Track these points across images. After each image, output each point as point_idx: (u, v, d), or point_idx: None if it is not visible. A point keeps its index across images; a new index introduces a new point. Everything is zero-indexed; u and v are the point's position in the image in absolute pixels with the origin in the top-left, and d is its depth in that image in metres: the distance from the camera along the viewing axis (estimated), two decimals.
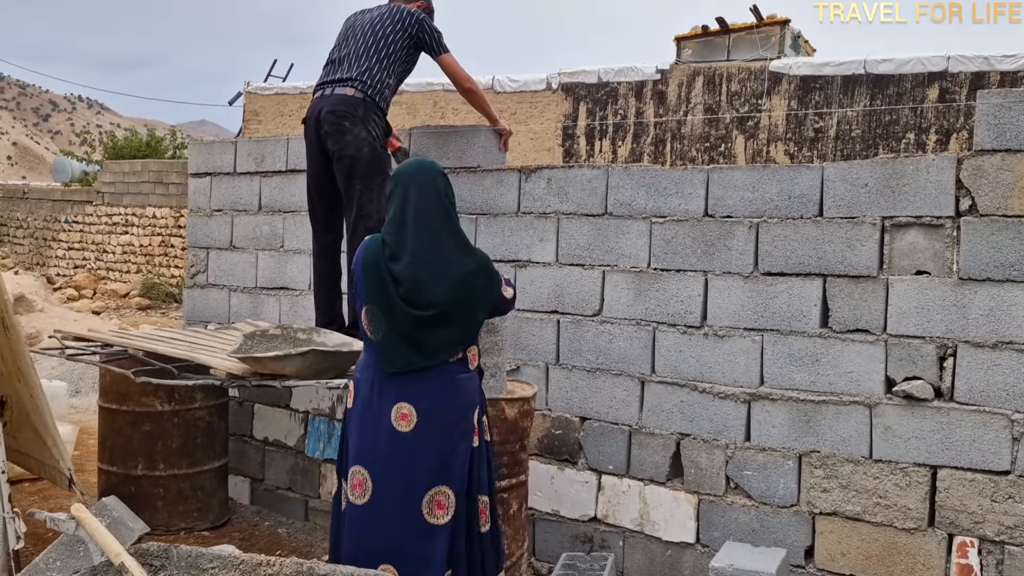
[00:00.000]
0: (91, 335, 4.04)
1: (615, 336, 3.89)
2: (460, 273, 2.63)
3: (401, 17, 3.99)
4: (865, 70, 11.87)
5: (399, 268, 2.60)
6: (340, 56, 4.00)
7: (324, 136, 3.88)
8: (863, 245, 3.32)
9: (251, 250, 5.18)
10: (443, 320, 2.61)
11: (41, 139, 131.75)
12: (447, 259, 2.63)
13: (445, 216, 2.67)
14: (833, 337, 3.39)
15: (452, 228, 2.68)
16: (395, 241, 2.64)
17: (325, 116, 3.85)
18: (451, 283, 2.61)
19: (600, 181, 3.94)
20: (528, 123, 14.39)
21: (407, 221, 2.64)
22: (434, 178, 2.70)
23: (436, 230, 2.63)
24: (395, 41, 3.94)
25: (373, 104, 3.87)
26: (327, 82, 3.96)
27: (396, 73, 3.99)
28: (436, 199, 2.66)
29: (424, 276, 2.59)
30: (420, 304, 2.59)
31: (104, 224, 18.79)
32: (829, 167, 3.42)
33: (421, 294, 2.59)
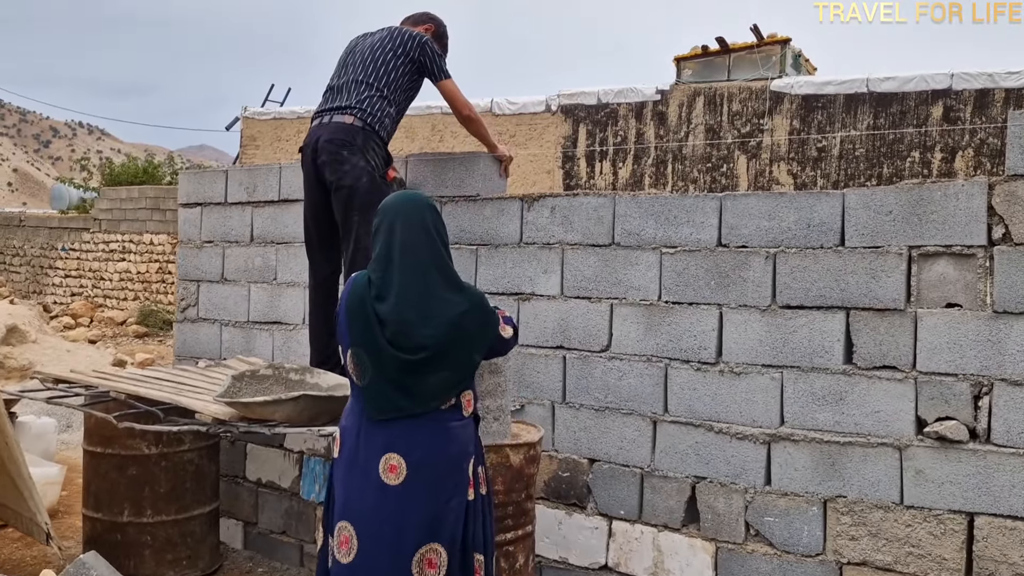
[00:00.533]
0: (73, 377, 3.84)
1: (625, 373, 3.68)
2: (451, 313, 2.44)
3: (403, 40, 3.82)
4: (868, 88, 11.74)
5: (385, 308, 2.42)
6: (339, 83, 3.84)
7: (321, 165, 3.70)
8: (888, 276, 3.13)
9: (243, 283, 4.98)
10: (433, 364, 2.42)
11: (42, 165, 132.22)
12: (436, 298, 2.43)
13: (434, 252, 2.48)
14: (858, 374, 3.19)
15: (442, 265, 2.48)
16: (381, 279, 2.45)
17: (323, 145, 3.68)
18: (441, 324, 2.42)
19: (606, 209, 3.75)
20: (528, 146, 14.25)
21: (393, 258, 2.47)
22: (422, 211, 2.52)
23: (424, 267, 2.44)
24: (396, 67, 3.77)
25: (372, 132, 3.69)
26: (325, 110, 3.79)
27: (398, 100, 3.82)
28: (424, 234, 2.47)
29: (411, 317, 2.40)
30: (408, 347, 2.40)
31: (101, 251, 18.64)
32: (850, 194, 3.23)
33: (408, 336, 2.40)
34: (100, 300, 18.58)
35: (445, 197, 4.18)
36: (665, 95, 13.18)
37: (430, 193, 4.22)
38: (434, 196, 4.22)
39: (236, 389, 3.24)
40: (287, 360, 4.74)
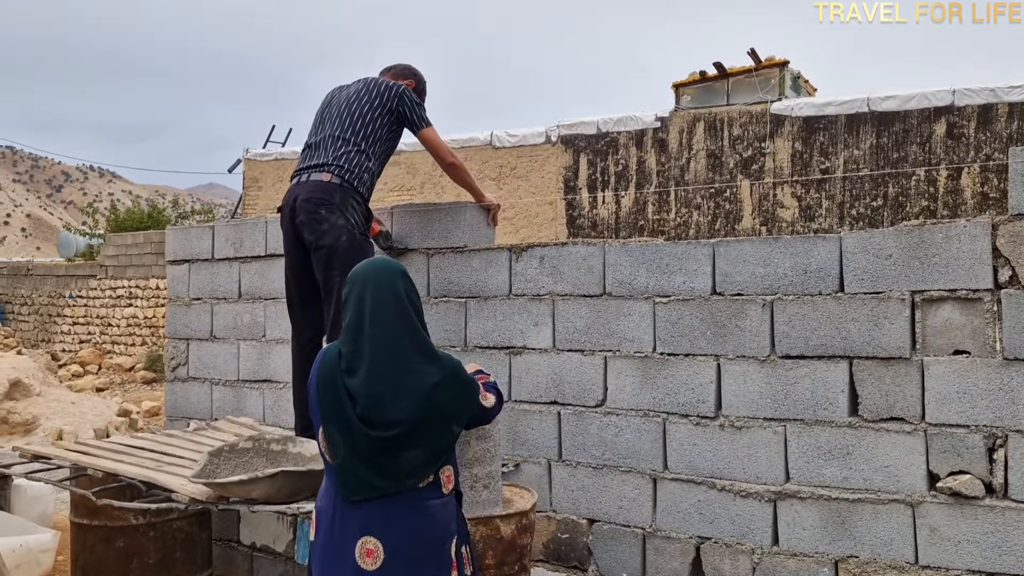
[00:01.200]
0: (52, 452, 3.72)
1: (622, 428, 3.53)
2: (425, 386, 2.29)
3: (379, 92, 3.71)
4: (869, 108, 11.62)
5: (355, 383, 2.28)
6: (317, 140, 3.73)
7: (300, 225, 3.58)
8: (892, 323, 2.98)
9: (232, 340, 4.87)
10: (408, 440, 2.28)
11: (54, 210, 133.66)
12: (409, 370, 2.29)
13: (406, 321, 2.34)
14: (865, 427, 3.03)
15: (414, 334, 2.35)
16: (351, 352, 2.32)
17: (300, 204, 3.56)
18: (414, 398, 2.27)
19: (596, 258, 3.62)
20: (529, 177, 14.18)
21: (363, 328, 2.33)
22: (392, 278, 2.39)
23: (395, 337, 2.31)
24: (374, 119, 3.66)
25: (351, 189, 3.57)
26: (303, 168, 3.68)
27: (377, 154, 3.70)
28: (395, 302, 2.34)
29: (383, 391, 2.26)
30: (380, 423, 2.26)
31: (108, 297, 18.63)
32: (848, 237, 3.09)
33: (380, 412, 2.26)
34: (108, 346, 18.54)
35: (432, 249, 4.07)
36: (665, 122, 13.10)
37: (416, 245, 4.11)
38: (420, 248, 4.11)
39: (213, 466, 3.10)
40: (279, 420, 4.61)
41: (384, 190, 15.56)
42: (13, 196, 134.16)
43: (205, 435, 4.23)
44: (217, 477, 3.06)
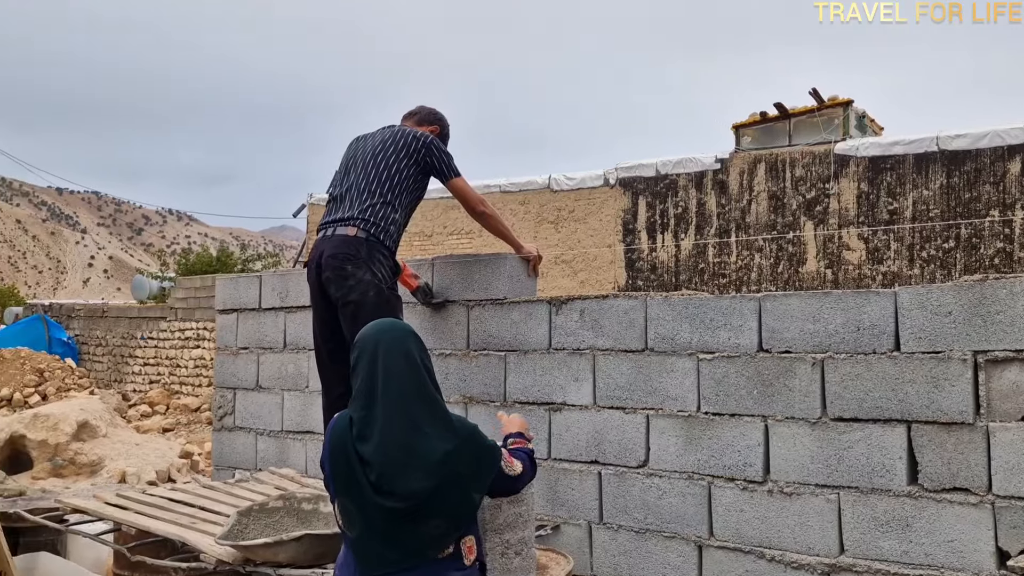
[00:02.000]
0: (90, 507, 3.73)
1: (665, 491, 3.36)
2: (438, 452, 2.18)
3: (407, 143, 3.66)
4: (938, 147, 11.24)
5: (368, 449, 2.17)
6: (342, 191, 3.68)
7: (326, 281, 3.54)
8: (953, 385, 2.77)
9: (277, 390, 4.86)
10: (425, 511, 2.16)
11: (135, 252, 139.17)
12: (423, 435, 2.18)
13: (419, 385, 2.24)
14: (926, 497, 2.81)
15: (427, 399, 2.24)
16: (362, 418, 2.22)
17: (326, 260, 3.52)
18: (428, 466, 2.16)
19: (638, 312, 3.49)
20: (587, 220, 14.11)
21: (375, 393, 2.23)
22: (403, 340, 2.29)
23: (408, 402, 2.20)
24: (400, 170, 3.60)
25: (377, 243, 3.52)
26: (328, 222, 3.64)
27: (404, 204, 3.64)
28: (407, 365, 2.24)
29: (397, 457, 2.15)
30: (394, 493, 2.15)
31: (177, 339, 19.12)
32: (903, 292, 2.90)
33: (394, 481, 2.15)
34: (176, 387, 18.97)
35: (472, 300, 3.99)
36: (725, 163, 12.91)
37: (456, 297, 4.05)
38: (460, 299, 4.04)
39: (241, 527, 3.05)
40: (320, 472, 4.55)
41: (444, 233, 15.67)
42: (97, 239, 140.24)
43: (245, 488, 4.20)
44: (245, 537, 3.01)
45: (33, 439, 10.71)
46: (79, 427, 11.20)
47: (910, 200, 11.34)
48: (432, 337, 4.10)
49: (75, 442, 11.05)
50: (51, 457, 10.78)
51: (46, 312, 21.19)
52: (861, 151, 11.73)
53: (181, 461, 11.21)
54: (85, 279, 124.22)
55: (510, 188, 14.92)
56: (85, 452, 10.91)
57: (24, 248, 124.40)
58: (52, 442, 10.84)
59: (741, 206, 12.69)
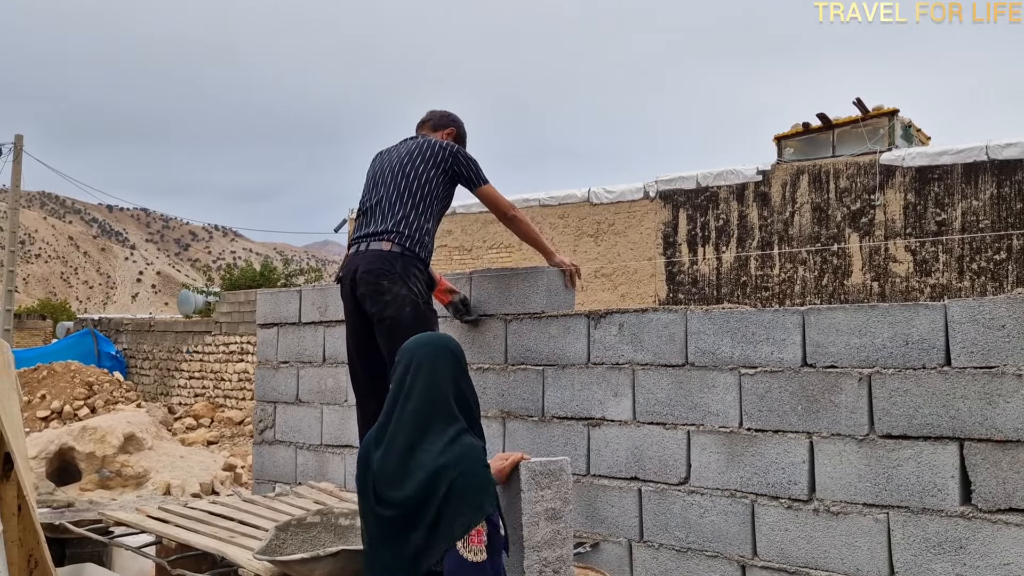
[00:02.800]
0: (131, 520, 3.77)
1: (707, 509, 3.29)
2: (432, 465, 2.13)
3: (433, 152, 3.63)
4: (988, 156, 10.97)
5: (376, 459, 2.22)
6: (372, 204, 3.65)
7: (361, 298, 3.53)
8: (1007, 401, 2.67)
9: (316, 404, 4.88)
10: (413, 521, 2.15)
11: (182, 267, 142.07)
12: (422, 451, 2.15)
13: (436, 401, 2.21)
14: (980, 518, 2.70)
15: (442, 415, 2.18)
16: (381, 426, 2.27)
17: (361, 276, 3.50)
18: (419, 477, 2.12)
19: (678, 326, 3.44)
20: (627, 233, 14.02)
21: (395, 406, 2.26)
22: (436, 356, 2.27)
23: (420, 417, 2.18)
24: (430, 180, 3.58)
25: (413, 256, 3.49)
26: (360, 237, 3.62)
27: (435, 214, 3.62)
28: (430, 381, 2.22)
29: (393, 469, 2.17)
30: (387, 502, 2.18)
31: (222, 353, 19.40)
32: (953, 305, 2.81)
33: (388, 490, 2.17)
34: (220, 400, 19.25)
35: (510, 315, 3.97)
36: (767, 175, 12.75)
37: (494, 311, 4.03)
38: (498, 313, 4.02)
39: (280, 541, 3.05)
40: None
41: (484, 247, 15.69)
42: (146, 255, 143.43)
43: (285, 501, 4.22)
44: (283, 552, 3.00)
45: (81, 451, 10.92)
46: (126, 439, 11.40)
47: (959, 211, 11.07)
48: (470, 351, 4.08)
49: (122, 454, 11.25)
50: (98, 469, 10.99)
51: (96, 327, 21.67)
52: (907, 161, 11.50)
53: (224, 474, 11.35)
54: (134, 294, 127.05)
55: (549, 202, 14.90)
56: (131, 464, 11.09)
57: (76, 264, 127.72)
58: (100, 454, 11.05)
59: (784, 218, 12.51)
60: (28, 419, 14.98)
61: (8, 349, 3.56)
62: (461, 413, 2.23)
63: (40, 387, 16.57)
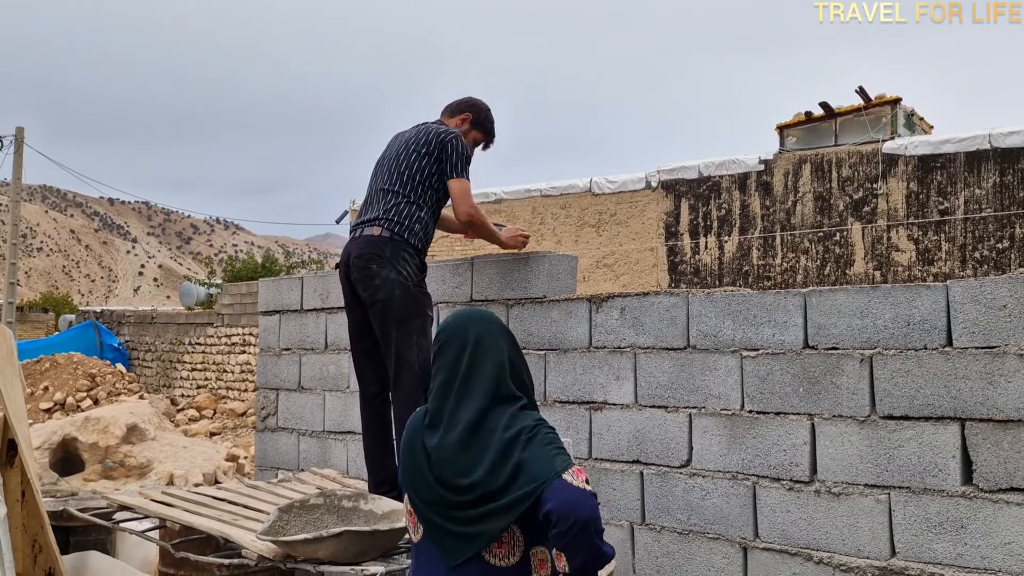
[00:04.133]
0: (136, 503, 3.78)
1: (708, 492, 3.30)
2: (499, 444, 2.08)
3: (427, 140, 3.63)
4: (991, 144, 10.94)
5: (433, 443, 2.09)
6: (372, 191, 3.71)
7: (355, 282, 3.57)
8: (1009, 381, 2.67)
9: (318, 391, 4.89)
10: (481, 503, 2.06)
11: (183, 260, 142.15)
12: (488, 432, 2.05)
13: (498, 383, 2.09)
14: (981, 498, 2.71)
15: (504, 397, 2.09)
16: (435, 411, 2.13)
17: (353, 261, 3.55)
18: (486, 459, 2.04)
19: (679, 309, 3.44)
20: (629, 224, 14.01)
21: (451, 388, 2.12)
22: (491, 335, 2.15)
23: (482, 395, 2.08)
24: (422, 168, 3.58)
25: (402, 242, 3.52)
26: (357, 223, 3.67)
27: (430, 203, 3.62)
28: (491, 362, 2.10)
29: (457, 453, 2.06)
30: (455, 487, 2.04)
31: (224, 344, 19.41)
32: (955, 286, 2.81)
33: (454, 474, 2.04)
34: (223, 392, 19.27)
35: (511, 300, 3.97)
36: (769, 164, 12.73)
37: (496, 296, 4.03)
38: (500, 299, 4.02)
39: (283, 523, 3.06)
40: (361, 472, 4.57)
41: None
42: (147, 248, 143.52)
43: (287, 487, 4.23)
44: (286, 534, 3.01)
45: (84, 442, 10.96)
46: (128, 430, 11.43)
47: (961, 199, 11.05)
48: None
49: (125, 445, 11.28)
50: (102, 459, 11.02)
51: (98, 319, 21.70)
52: (910, 150, 11.47)
53: (227, 464, 11.37)
54: (136, 287, 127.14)
55: (551, 192, 14.89)
56: (134, 455, 11.13)
57: (78, 257, 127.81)
58: (103, 445, 11.08)
59: (786, 207, 12.49)
60: (31, 411, 15.02)
61: (11, 337, 3.57)
62: (519, 391, 2.13)
63: (43, 379, 16.61)
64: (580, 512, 1.87)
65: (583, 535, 1.87)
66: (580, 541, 1.87)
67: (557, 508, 1.87)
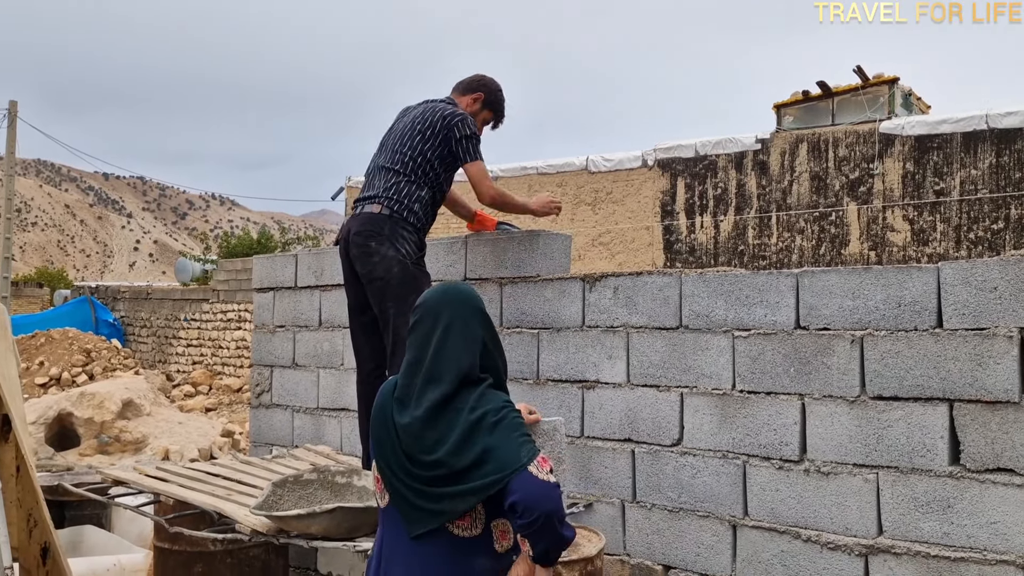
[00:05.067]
0: (130, 478, 3.80)
1: (699, 470, 3.32)
2: (465, 423, 2.12)
3: (433, 121, 3.62)
4: (987, 125, 10.92)
5: (403, 419, 2.14)
6: (374, 167, 3.71)
7: (353, 259, 3.57)
8: (997, 363, 2.69)
9: (313, 368, 4.90)
10: (450, 479, 2.10)
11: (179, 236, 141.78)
12: (455, 411, 2.10)
13: (470, 363, 2.14)
14: (968, 478, 2.73)
15: (472, 372, 2.17)
16: (405, 386, 2.17)
17: (352, 238, 3.55)
18: (453, 437, 2.07)
19: (672, 289, 3.45)
20: (625, 202, 13.99)
21: (422, 364, 2.16)
22: (466, 313, 2.17)
23: (450, 372, 2.12)
24: (424, 150, 3.58)
25: (401, 220, 3.52)
26: (358, 200, 3.67)
27: (431, 182, 3.61)
28: (462, 340, 2.13)
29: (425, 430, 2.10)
30: (422, 462, 2.10)
31: (219, 320, 19.41)
32: (946, 267, 2.81)
33: (423, 451, 2.11)
34: (218, 368, 19.29)
35: (505, 279, 3.98)
36: (766, 144, 12.70)
37: (489, 275, 4.03)
38: (494, 277, 4.02)
39: (276, 497, 3.08)
40: (355, 449, 4.59)
41: None
42: (143, 223, 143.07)
43: (281, 463, 4.25)
44: (279, 509, 3.04)
45: (80, 417, 10.99)
46: (124, 406, 11.45)
47: (957, 180, 11.05)
48: None
49: (120, 420, 11.32)
50: (97, 434, 11.06)
51: (93, 294, 21.67)
52: (907, 130, 11.45)
53: (223, 440, 11.42)
54: (131, 262, 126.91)
55: (547, 170, 14.85)
56: (130, 430, 11.16)
57: (72, 232, 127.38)
58: (98, 420, 11.11)
59: (782, 187, 12.48)
60: (27, 385, 15.03)
61: (5, 312, 3.56)
62: (488, 370, 2.16)
63: (38, 354, 16.61)
64: (544, 505, 1.95)
65: (547, 525, 1.95)
66: (544, 531, 1.96)
67: (522, 500, 1.95)
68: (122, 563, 4.95)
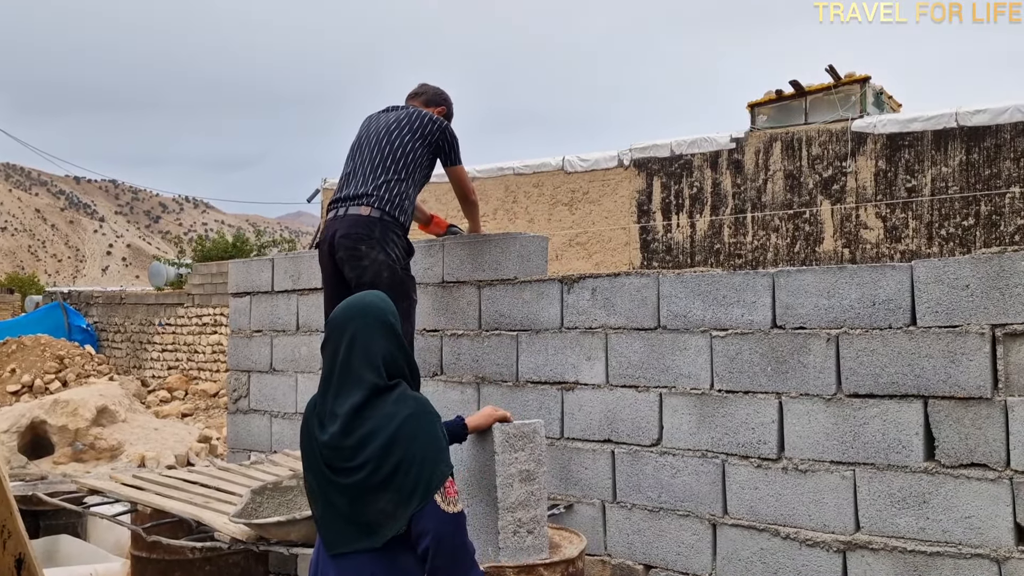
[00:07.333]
0: (106, 487, 3.76)
1: (678, 470, 3.34)
2: (387, 429, 2.10)
3: (421, 124, 3.68)
4: (957, 123, 11.07)
5: (322, 434, 2.16)
6: (353, 168, 3.68)
7: (340, 262, 3.53)
8: (970, 360, 2.73)
9: (290, 372, 4.87)
10: (372, 490, 2.11)
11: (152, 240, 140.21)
12: (367, 418, 2.11)
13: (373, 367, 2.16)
14: (943, 473, 2.77)
15: (381, 380, 2.15)
16: (320, 403, 2.21)
17: (339, 241, 3.51)
18: (375, 443, 2.09)
19: (650, 290, 3.46)
20: (601, 202, 14.03)
21: (331, 380, 2.19)
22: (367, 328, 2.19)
23: (359, 383, 2.14)
24: (414, 149, 3.63)
25: (392, 221, 3.51)
26: (340, 199, 3.63)
27: (416, 182, 3.67)
28: (363, 355, 2.16)
29: (342, 443, 2.12)
30: (343, 470, 2.11)
31: (195, 325, 19.23)
32: (919, 266, 2.85)
33: (343, 460, 2.11)
34: (194, 372, 19.11)
35: (483, 281, 3.98)
36: (740, 143, 12.78)
37: (467, 277, 4.03)
38: (472, 280, 4.02)
39: (256, 505, 3.06)
40: None
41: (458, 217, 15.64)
42: (115, 227, 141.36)
43: (260, 469, 4.22)
44: (259, 516, 3.02)
45: (54, 424, 10.82)
46: (99, 412, 11.30)
47: (928, 177, 11.19)
48: (444, 317, 4.09)
49: (95, 427, 11.16)
50: (72, 442, 10.90)
51: (65, 300, 21.38)
52: (879, 128, 11.57)
53: (200, 445, 11.31)
54: (104, 267, 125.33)
55: (524, 171, 14.85)
56: (105, 437, 11.02)
57: (43, 237, 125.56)
58: (72, 427, 10.95)
59: (757, 185, 12.58)
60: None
61: None
62: (397, 376, 2.18)
63: (10, 361, 16.36)
64: (451, 541, 2.06)
65: (453, 560, 2.07)
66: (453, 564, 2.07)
67: (431, 541, 2.04)
68: (99, 572, 4.89)
